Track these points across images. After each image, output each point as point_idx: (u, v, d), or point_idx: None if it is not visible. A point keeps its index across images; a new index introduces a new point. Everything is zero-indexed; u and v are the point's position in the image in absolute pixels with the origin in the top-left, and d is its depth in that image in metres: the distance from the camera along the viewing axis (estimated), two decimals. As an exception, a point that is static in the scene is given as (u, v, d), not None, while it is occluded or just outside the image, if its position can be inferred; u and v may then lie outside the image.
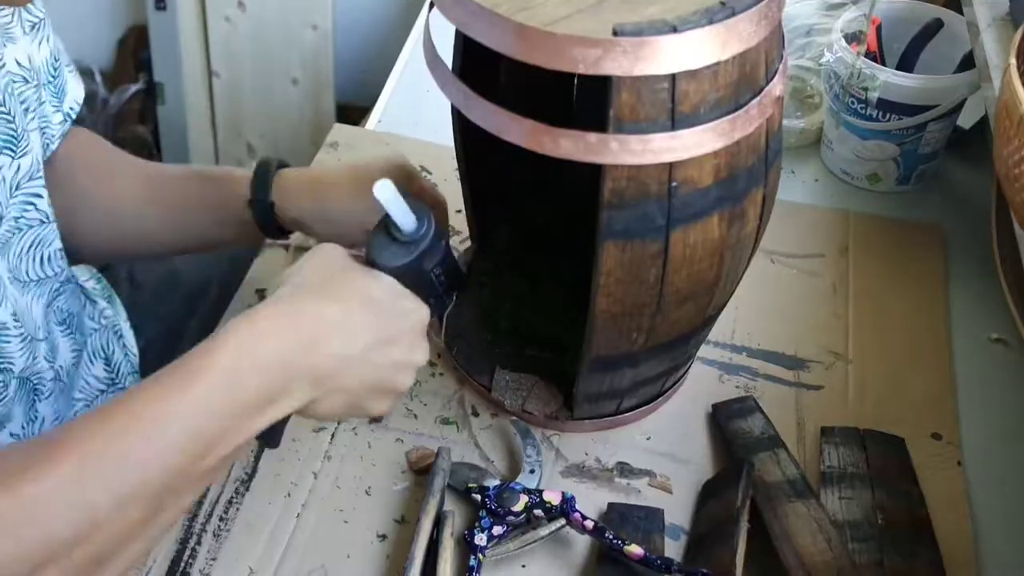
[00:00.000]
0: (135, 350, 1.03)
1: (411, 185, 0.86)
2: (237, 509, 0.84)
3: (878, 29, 1.15)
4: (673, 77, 0.64)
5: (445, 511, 0.81)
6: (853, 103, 1.11)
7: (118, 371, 0.98)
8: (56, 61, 0.88)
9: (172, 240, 0.95)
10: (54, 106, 0.88)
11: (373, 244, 0.73)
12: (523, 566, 0.80)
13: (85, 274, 1.03)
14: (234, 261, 1.11)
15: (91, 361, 0.95)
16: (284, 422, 0.69)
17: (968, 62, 1.09)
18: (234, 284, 1.06)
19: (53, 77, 0.88)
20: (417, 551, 0.77)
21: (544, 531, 0.79)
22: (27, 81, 0.81)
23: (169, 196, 0.93)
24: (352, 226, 0.85)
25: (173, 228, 0.94)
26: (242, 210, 0.89)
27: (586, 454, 0.88)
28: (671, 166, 0.68)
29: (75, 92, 0.91)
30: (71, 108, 0.90)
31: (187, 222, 0.93)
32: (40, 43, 0.85)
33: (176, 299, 1.09)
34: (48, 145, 0.87)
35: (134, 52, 2.41)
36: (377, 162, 0.88)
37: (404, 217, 0.72)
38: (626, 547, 0.77)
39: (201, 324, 1.07)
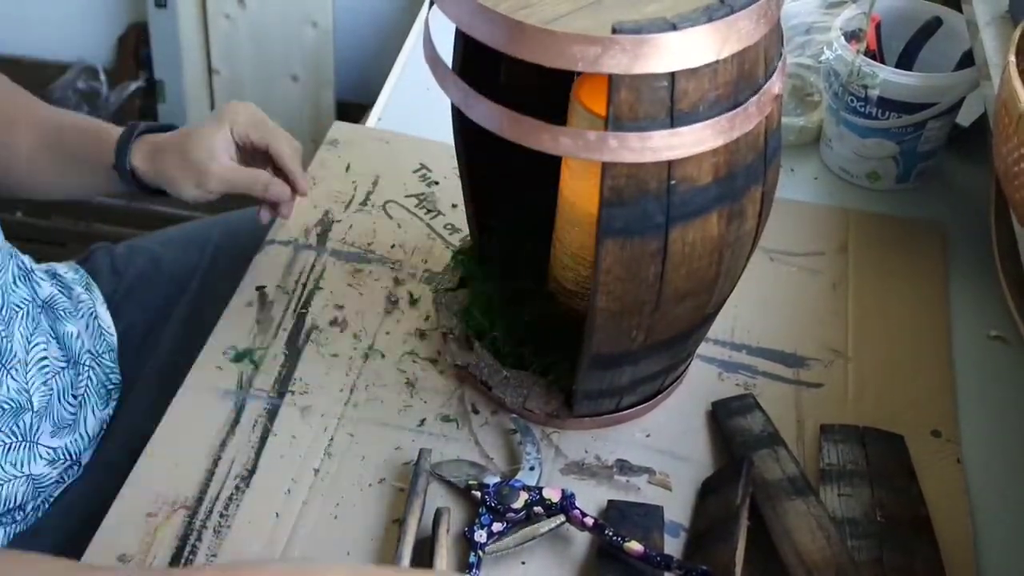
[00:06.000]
0: (112, 331, 1.05)
1: (239, 125, 0.96)
2: (237, 506, 0.84)
3: (877, 27, 1.15)
4: (672, 75, 0.64)
5: (441, 508, 0.82)
6: (852, 101, 1.11)
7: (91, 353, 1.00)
8: None
9: (58, 187, 1.03)
10: None
11: None
12: (523, 563, 0.81)
13: (64, 267, 1.05)
14: (217, 253, 1.12)
15: (47, 342, 0.96)
16: None
17: (967, 60, 1.09)
18: (217, 276, 1.07)
19: None
20: (404, 551, 0.78)
21: (544, 528, 0.80)
22: None
23: (57, 146, 0.99)
24: (184, 181, 0.95)
25: (59, 177, 1.01)
26: (112, 170, 0.97)
27: (586, 451, 0.89)
28: (670, 164, 0.68)
29: None
30: None
31: (70, 173, 1.01)
32: None
33: (157, 289, 1.10)
34: None
35: (135, 50, 2.41)
36: (206, 120, 0.97)
37: None
38: (626, 544, 0.77)
39: (182, 316, 1.09)
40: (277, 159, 0.98)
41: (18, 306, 0.93)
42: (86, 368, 0.99)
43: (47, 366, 0.95)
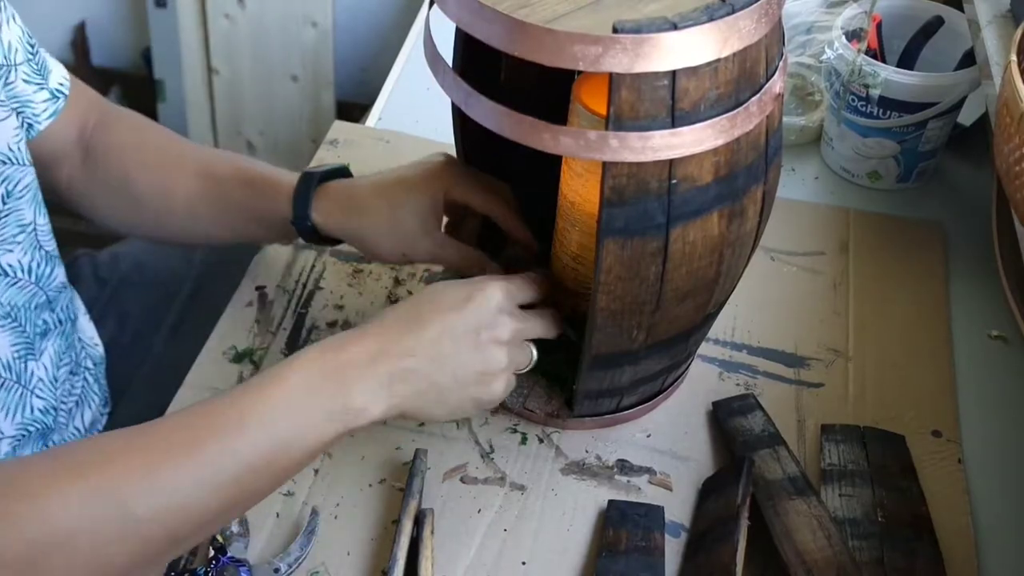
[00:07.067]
0: (96, 342, 1.02)
1: (456, 191, 0.86)
2: (237, 506, 0.84)
3: (879, 26, 1.15)
4: (673, 74, 0.64)
5: (425, 509, 0.82)
6: (854, 100, 1.11)
7: (79, 365, 0.97)
8: (32, 38, 0.88)
9: (221, 236, 0.95)
10: (37, 83, 0.88)
11: None
12: (523, 563, 0.80)
13: None
14: (209, 258, 1.11)
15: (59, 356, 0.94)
16: None
17: (969, 59, 1.09)
18: (209, 281, 1.06)
19: (32, 55, 0.88)
20: (399, 552, 0.77)
21: None
22: None
23: (219, 197, 0.91)
24: (387, 247, 0.86)
25: (222, 227, 0.93)
26: (287, 223, 0.88)
27: (586, 451, 0.89)
28: (671, 163, 0.68)
29: (59, 71, 0.91)
30: (60, 85, 0.91)
31: (236, 224, 0.93)
32: (5, 25, 0.85)
33: (142, 296, 1.08)
34: (32, 126, 0.88)
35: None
36: (412, 174, 0.86)
37: None
38: None
39: (173, 323, 1.07)
40: (501, 222, 0.89)
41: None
42: (74, 382, 0.96)
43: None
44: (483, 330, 0.72)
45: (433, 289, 0.74)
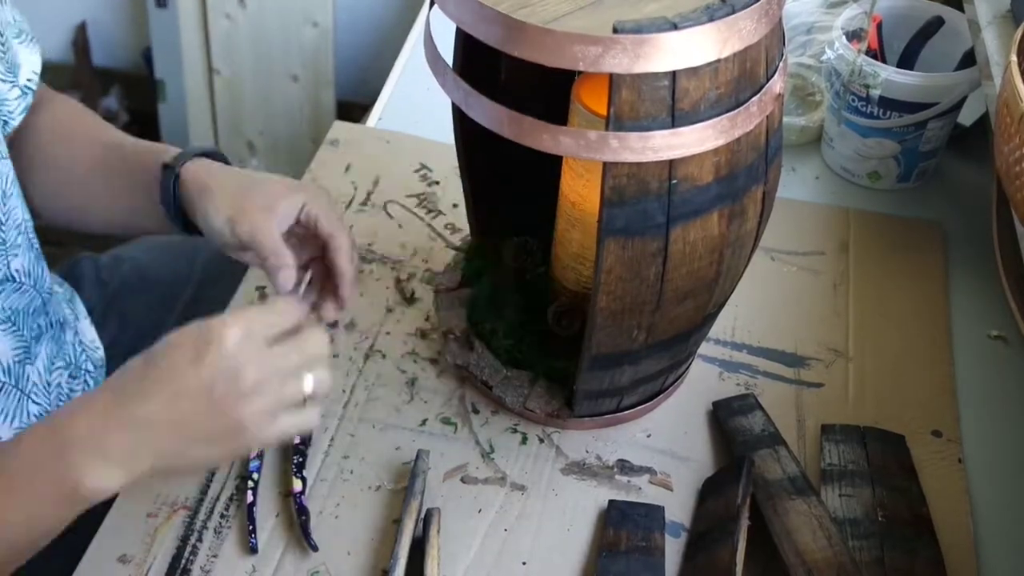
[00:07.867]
0: (97, 345, 1.01)
1: (313, 205, 0.82)
2: (238, 506, 0.84)
3: (879, 27, 1.15)
4: (673, 74, 0.64)
5: (432, 509, 0.82)
6: (854, 100, 1.11)
7: (79, 368, 0.96)
8: (2, 36, 0.87)
9: (113, 217, 0.93)
10: (9, 81, 0.87)
11: None
12: (523, 563, 0.81)
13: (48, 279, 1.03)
14: (209, 263, 1.11)
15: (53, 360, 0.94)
16: None
17: (969, 59, 1.09)
18: (210, 286, 1.05)
19: (3, 52, 0.87)
20: (400, 552, 0.78)
21: None
22: None
23: (114, 168, 0.90)
24: (227, 199, 0.81)
25: (114, 201, 0.91)
26: (158, 184, 0.85)
27: (587, 451, 0.89)
28: (671, 163, 0.68)
29: (31, 64, 0.90)
30: (28, 80, 0.89)
31: (122, 196, 0.91)
32: None
33: (143, 299, 1.07)
34: (7, 122, 0.88)
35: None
36: (281, 187, 0.83)
37: None
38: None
39: (174, 328, 1.06)
40: (334, 253, 0.82)
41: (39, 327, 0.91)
42: (73, 386, 0.96)
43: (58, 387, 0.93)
44: (218, 384, 0.65)
45: (169, 341, 0.67)
